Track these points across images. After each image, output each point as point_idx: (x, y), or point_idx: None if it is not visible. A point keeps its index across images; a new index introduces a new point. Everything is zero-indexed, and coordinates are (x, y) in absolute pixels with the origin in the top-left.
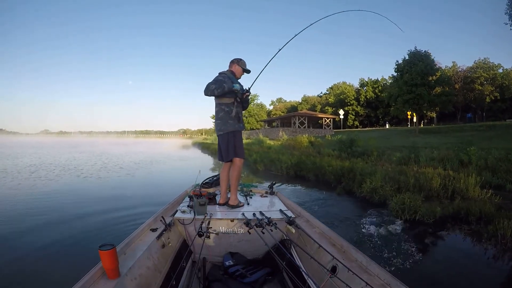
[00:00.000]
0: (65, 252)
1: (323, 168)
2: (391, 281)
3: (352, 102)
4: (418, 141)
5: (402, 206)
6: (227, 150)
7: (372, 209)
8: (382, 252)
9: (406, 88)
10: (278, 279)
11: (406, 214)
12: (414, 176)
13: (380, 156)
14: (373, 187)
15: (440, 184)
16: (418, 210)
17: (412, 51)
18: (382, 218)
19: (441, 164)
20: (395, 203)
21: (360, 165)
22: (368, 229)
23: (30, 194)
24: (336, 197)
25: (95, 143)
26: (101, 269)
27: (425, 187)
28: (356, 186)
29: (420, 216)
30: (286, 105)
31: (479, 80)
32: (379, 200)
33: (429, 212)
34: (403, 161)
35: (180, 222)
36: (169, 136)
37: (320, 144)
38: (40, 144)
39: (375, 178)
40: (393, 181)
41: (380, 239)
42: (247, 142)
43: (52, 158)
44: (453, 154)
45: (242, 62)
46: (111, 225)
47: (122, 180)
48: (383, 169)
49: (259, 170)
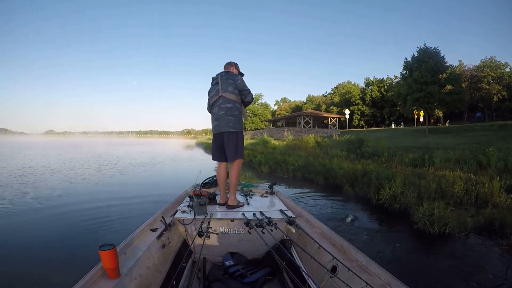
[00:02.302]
0: (65, 252)
1: (334, 171)
2: (391, 281)
3: (357, 102)
4: (429, 141)
5: (431, 218)
6: (235, 149)
7: (393, 219)
8: (414, 276)
9: (415, 86)
10: (278, 279)
11: (435, 227)
12: (434, 179)
13: (391, 157)
14: (393, 194)
15: (462, 189)
16: (448, 222)
17: (421, 48)
18: (406, 232)
19: (458, 166)
20: (422, 214)
21: (372, 167)
22: (392, 245)
23: (30, 194)
24: (350, 204)
25: (98, 143)
26: (101, 269)
27: (448, 192)
28: (373, 192)
29: (450, 229)
30: (290, 105)
31: (486, 79)
32: (400, 209)
33: (460, 224)
34: (417, 163)
35: (180, 222)
36: (172, 136)
37: (327, 145)
38: (46, 145)
39: (394, 184)
40: (413, 186)
41: (408, 258)
42: (251, 142)
43: (53, 159)
44: (470, 155)
45: (238, 66)
46: (111, 225)
47: (122, 180)
48: (401, 172)
49: (264, 173)
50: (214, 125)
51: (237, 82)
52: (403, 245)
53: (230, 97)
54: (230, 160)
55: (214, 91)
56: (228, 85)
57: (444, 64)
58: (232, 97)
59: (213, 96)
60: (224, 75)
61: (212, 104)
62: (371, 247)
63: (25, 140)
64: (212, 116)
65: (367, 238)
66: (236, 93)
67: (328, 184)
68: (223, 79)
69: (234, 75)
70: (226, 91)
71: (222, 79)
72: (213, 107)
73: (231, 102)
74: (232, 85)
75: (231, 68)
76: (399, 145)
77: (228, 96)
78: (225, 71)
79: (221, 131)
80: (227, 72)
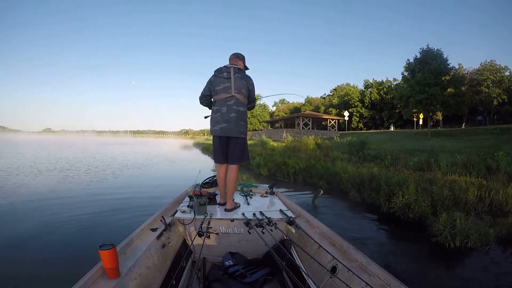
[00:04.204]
0: (65, 252)
1: (338, 175)
2: (391, 281)
3: (356, 104)
4: (434, 145)
5: (453, 230)
6: (242, 154)
7: (408, 231)
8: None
9: (418, 88)
10: (278, 279)
11: (457, 241)
12: (444, 185)
13: (395, 160)
14: (406, 202)
15: (475, 196)
16: (470, 234)
17: (424, 49)
18: (424, 246)
19: (465, 170)
20: (443, 226)
21: (379, 172)
22: (416, 264)
23: (30, 194)
24: (357, 212)
25: (99, 142)
26: (101, 269)
27: (461, 199)
28: (383, 200)
29: (472, 243)
30: (289, 106)
31: (486, 82)
32: (414, 219)
33: (481, 236)
34: (423, 167)
35: (180, 222)
36: (169, 136)
37: (328, 147)
38: (44, 143)
39: (407, 191)
40: (426, 193)
41: (438, 278)
42: (249, 144)
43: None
44: (478, 159)
45: (245, 59)
46: (111, 225)
47: (122, 180)
48: (412, 178)
49: (262, 175)
50: (221, 126)
51: (251, 88)
52: (425, 261)
53: (243, 100)
54: (235, 164)
55: (223, 86)
56: (242, 86)
57: (447, 66)
58: (244, 100)
59: (221, 92)
60: (238, 72)
61: (217, 100)
62: (395, 266)
63: (23, 138)
64: (217, 114)
65: (385, 254)
66: (246, 97)
67: (332, 189)
68: (236, 77)
69: (248, 77)
70: (240, 92)
71: (235, 76)
72: (219, 105)
73: (244, 106)
74: (246, 88)
75: (239, 63)
76: (401, 148)
77: (241, 99)
78: (237, 68)
79: (230, 136)
80: (240, 69)
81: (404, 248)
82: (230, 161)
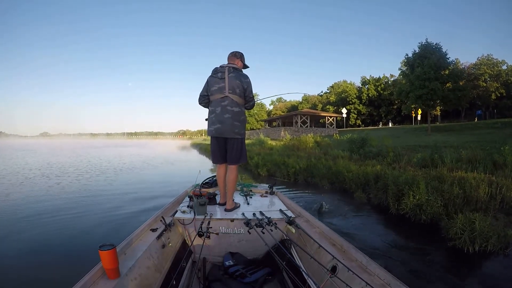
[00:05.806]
0: (65, 252)
1: (341, 174)
2: (391, 281)
3: (354, 101)
4: (434, 140)
5: (473, 234)
6: (240, 154)
7: (421, 235)
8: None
9: (418, 83)
10: (278, 279)
11: (476, 245)
12: (454, 183)
13: (398, 157)
14: (417, 203)
15: (486, 193)
16: (490, 238)
17: (423, 44)
18: (441, 250)
19: (471, 166)
20: (460, 229)
21: (385, 170)
22: (437, 273)
23: (30, 194)
24: (364, 215)
25: (99, 145)
26: (101, 269)
27: (472, 198)
28: (392, 200)
29: (492, 246)
30: (286, 105)
31: (483, 77)
32: (426, 221)
33: (500, 238)
34: (428, 163)
35: (180, 222)
36: (166, 137)
37: (327, 144)
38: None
39: (418, 190)
40: (437, 192)
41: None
42: (247, 143)
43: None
44: (483, 154)
45: (244, 57)
46: (111, 225)
47: (122, 180)
48: (422, 176)
49: (261, 176)
50: (215, 127)
51: (245, 86)
52: (447, 270)
53: (238, 100)
54: (232, 164)
55: (217, 86)
56: (236, 86)
57: (446, 60)
58: (240, 100)
59: (216, 92)
60: (232, 71)
61: (213, 101)
62: (419, 276)
63: (21, 142)
64: (212, 115)
65: (403, 263)
66: (242, 96)
67: (335, 189)
68: (230, 77)
69: (243, 75)
70: (234, 92)
71: (229, 76)
72: (214, 105)
73: (239, 106)
74: (240, 87)
75: (236, 61)
76: (402, 144)
77: (236, 99)
78: (233, 67)
79: (225, 136)
80: (235, 68)
81: (421, 256)
82: (228, 162)
